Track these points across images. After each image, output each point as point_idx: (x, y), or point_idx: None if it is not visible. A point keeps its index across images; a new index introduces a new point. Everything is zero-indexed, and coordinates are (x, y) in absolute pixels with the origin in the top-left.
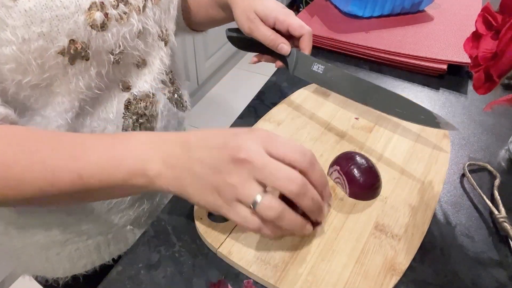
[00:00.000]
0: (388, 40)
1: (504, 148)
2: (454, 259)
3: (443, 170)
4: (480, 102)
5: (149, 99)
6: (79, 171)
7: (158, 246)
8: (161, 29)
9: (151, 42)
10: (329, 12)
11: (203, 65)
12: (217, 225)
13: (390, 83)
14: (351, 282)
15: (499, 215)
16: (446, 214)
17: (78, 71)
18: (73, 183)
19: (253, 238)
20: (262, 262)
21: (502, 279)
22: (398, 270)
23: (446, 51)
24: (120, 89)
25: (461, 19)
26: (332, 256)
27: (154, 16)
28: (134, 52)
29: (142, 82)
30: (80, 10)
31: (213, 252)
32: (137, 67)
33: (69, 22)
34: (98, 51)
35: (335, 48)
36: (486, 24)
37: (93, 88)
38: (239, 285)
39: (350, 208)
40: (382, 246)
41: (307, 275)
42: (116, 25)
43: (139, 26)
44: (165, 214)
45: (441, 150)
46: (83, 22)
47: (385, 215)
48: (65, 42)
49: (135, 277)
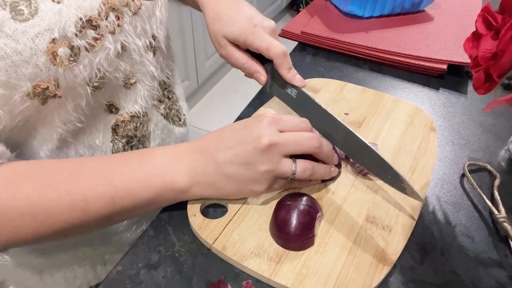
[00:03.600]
0: (388, 40)
1: (504, 148)
2: (454, 259)
3: (431, 162)
4: (480, 102)
5: (139, 119)
6: (111, 194)
7: (158, 246)
8: (148, 40)
9: (138, 59)
10: (329, 12)
11: (203, 65)
12: (210, 221)
13: (390, 83)
14: (344, 273)
15: (499, 215)
16: (446, 214)
17: (52, 109)
18: (106, 207)
19: (247, 233)
20: (257, 256)
21: (502, 279)
22: (389, 261)
23: (446, 51)
24: (106, 113)
25: (461, 19)
26: (325, 248)
27: (136, 29)
28: (117, 74)
29: (131, 102)
30: (38, 52)
31: (208, 248)
32: (124, 88)
33: (28, 67)
34: (71, 86)
35: (335, 48)
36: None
37: (72, 121)
38: (239, 285)
39: (341, 201)
40: (374, 237)
41: (301, 267)
42: (88, 55)
43: (117, 47)
44: (165, 214)
45: (428, 142)
46: (45, 63)
47: (376, 207)
48: (28, 87)
49: (135, 277)
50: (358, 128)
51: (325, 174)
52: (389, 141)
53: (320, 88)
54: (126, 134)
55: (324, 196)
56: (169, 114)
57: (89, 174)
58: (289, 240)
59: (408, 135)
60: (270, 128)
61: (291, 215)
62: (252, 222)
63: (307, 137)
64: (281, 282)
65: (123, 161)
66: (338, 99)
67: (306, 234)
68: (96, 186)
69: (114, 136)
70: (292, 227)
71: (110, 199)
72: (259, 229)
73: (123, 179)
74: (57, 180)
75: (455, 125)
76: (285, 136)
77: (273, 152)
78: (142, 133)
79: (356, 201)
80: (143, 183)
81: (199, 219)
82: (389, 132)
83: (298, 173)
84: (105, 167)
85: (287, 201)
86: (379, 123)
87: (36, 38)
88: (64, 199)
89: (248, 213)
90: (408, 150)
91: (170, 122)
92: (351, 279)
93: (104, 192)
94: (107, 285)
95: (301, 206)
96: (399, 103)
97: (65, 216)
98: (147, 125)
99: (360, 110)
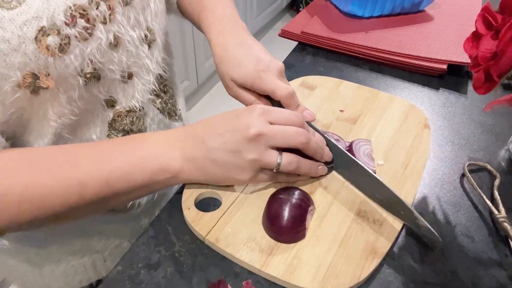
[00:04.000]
0: (388, 40)
1: (504, 148)
2: (454, 259)
3: (424, 158)
4: (480, 102)
5: (136, 113)
6: (105, 178)
7: (158, 246)
8: (143, 32)
9: (133, 51)
10: (329, 12)
11: (203, 65)
12: (204, 214)
13: (390, 83)
14: (334, 264)
15: (499, 215)
16: (446, 214)
17: (45, 101)
18: (101, 190)
19: (240, 226)
20: (249, 248)
21: (502, 279)
22: (379, 253)
23: (446, 51)
24: (103, 108)
25: (461, 19)
26: (317, 241)
27: (129, 20)
28: (112, 66)
29: (129, 97)
30: (27, 40)
31: (201, 240)
32: (122, 82)
33: (16, 56)
34: (62, 77)
35: (335, 48)
36: (486, 24)
37: (67, 114)
38: (239, 285)
39: (334, 196)
40: (364, 230)
41: (292, 259)
42: (79, 45)
43: (109, 37)
44: (165, 214)
45: (422, 139)
46: (34, 52)
47: (368, 202)
48: (18, 76)
49: (135, 277)
50: (352, 124)
51: (311, 170)
52: (383, 137)
53: (317, 85)
54: (122, 128)
55: (316, 191)
56: (165, 109)
57: (84, 159)
58: (280, 232)
59: (402, 132)
60: (259, 118)
61: (283, 208)
62: (245, 215)
63: (296, 132)
64: (272, 273)
65: (117, 146)
66: (334, 96)
67: (297, 227)
68: (91, 171)
69: (111, 130)
70: (284, 220)
71: (105, 183)
72: (252, 222)
73: (117, 164)
74: (53, 166)
75: (455, 125)
76: (273, 128)
77: (260, 142)
78: (139, 127)
79: (348, 196)
80: (136, 167)
81: (193, 212)
82: (383, 128)
83: (282, 166)
84: (100, 152)
85: (280, 194)
86: (374, 120)
87: (24, 26)
88: (60, 184)
89: (241, 207)
90: (402, 146)
91: (166, 117)
92: (341, 270)
93: (99, 176)
94: (107, 285)
95: (294, 200)
96: (394, 100)
97: (61, 200)
98: (144, 119)
99: (355, 107)
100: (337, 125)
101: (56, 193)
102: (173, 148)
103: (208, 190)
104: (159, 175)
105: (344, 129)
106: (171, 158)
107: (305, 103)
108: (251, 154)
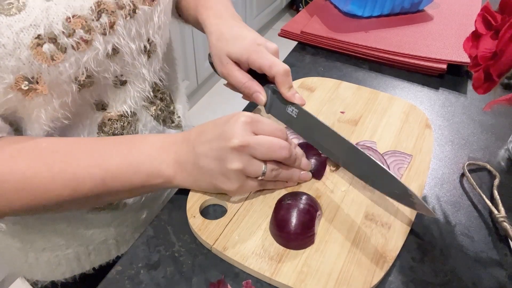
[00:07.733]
0: (388, 40)
1: (503, 148)
2: (454, 259)
3: (428, 159)
4: (479, 102)
5: (127, 118)
6: (101, 177)
7: (157, 246)
8: (143, 43)
9: (130, 61)
10: (328, 12)
11: (203, 65)
12: (210, 222)
13: (389, 82)
14: (345, 270)
15: (499, 214)
16: (445, 214)
17: (38, 104)
18: (96, 187)
19: (247, 233)
20: (257, 256)
21: (502, 279)
22: (389, 257)
23: (446, 51)
24: (93, 110)
25: (461, 19)
26: (326, 246)
27: (130, 32)
28: (106, 74)
29: (120, 102)
30: (22, 46)
31: (208, 249)
32: (114, 87)
33: (10, 60)
34: (55, 83)
35: (335, 48)
36: (485, 23)
37: (59, 118)
38: (239, 285)
39: (340, 200)
40: (373, 234)
41: (302, 266)
42: (75, 53)
43: (108, 48)
44: (165, 214)
45: (424, 139)
46: (28, 58)
47: (375, 204)
48: (11, 79)
49: (135, 277)
50: (354, 126)
51: (291, 176)
52: (385, 139)
53: (316, 87)
54: (112, 132)
55: (323, 195)
56: (160, 116)
57: (82, 155)
58: (289, 239)
59: (404, 132)
60: (244, 128)
61: (291, 214)
62: (252, 222)
63: (279, 146)
64: (283, 281)
65: (114, 145)
66: (333, 98)
67: (306, 232)
68: (87, 167)
69: (100, 133)
70: (292, 226)
71: (100, 181)
72: (259, 228)
73: (112, 163)
74: (51, 159)
75: (455, 124)
76: (257, 140)
77: (243, 152)
78: (129, 132)
79: (355, 199)
80: (131, 168)
81: (198, 220)
82: (385, 129)
83: (267, 175)
84: (97, 149)
85: (287, 200)
86: (375, 121)
87: (21, 32)
88: (57, 177)
89: (247, 213)
90: (404, 147)
91: (161, 124)
92: (352, 277)
93: (94, 173)
94: (106, 285)
95: (301, 205)
96: (394, 100)
97: (57, 193)
98: (135, 125)
99: (356, 108)
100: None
101: (52, 186)
102: (168, 153)
103: (212, 197)
104: (153, 178)
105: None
106: (165, 163)
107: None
108: (235, 164)
